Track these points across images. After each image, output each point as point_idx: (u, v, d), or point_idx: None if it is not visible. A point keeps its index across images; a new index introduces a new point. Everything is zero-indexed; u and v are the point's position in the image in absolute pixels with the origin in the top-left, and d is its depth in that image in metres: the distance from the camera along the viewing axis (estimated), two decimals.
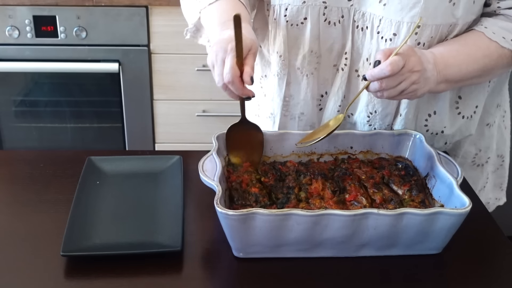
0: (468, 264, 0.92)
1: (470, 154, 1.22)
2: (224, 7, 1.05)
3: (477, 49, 1.03)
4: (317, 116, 1.18)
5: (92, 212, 0.98)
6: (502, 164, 1.28)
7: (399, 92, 0.96)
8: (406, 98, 1.00)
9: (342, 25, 1.06)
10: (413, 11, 0.99)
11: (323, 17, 1.06)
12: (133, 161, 1.12)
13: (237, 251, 0.90)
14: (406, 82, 0.95)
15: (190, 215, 0.99)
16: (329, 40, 1.08)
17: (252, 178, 0.98)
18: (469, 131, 1.17)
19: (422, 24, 1.00)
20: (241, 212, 0.82)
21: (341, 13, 1.05)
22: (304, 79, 1.13)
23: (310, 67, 1.11)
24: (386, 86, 0.95)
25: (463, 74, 1.03)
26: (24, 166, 1.13)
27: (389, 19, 1.02)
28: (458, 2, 0.99)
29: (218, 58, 0.94)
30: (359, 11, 1.04)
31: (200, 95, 2.20)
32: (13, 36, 2.05)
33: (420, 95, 0.99)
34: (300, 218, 0.83)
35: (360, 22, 1.05)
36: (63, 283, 0.85)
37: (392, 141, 1.08)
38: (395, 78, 0.94)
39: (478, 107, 1.16)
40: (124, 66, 2.12)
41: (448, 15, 1.01)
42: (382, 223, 0.85)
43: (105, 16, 2.04)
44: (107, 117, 2.30)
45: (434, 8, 0.99)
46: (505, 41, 1.03)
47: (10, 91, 2.25)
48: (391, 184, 1.00)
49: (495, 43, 1.02)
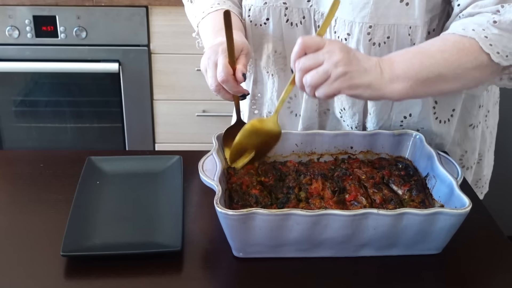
0: (468, 264, 0.92)
1: (455, 155, 1.21)
2: (218, 18, 1.07)
3: (430, 46, 0.96)
4: (288, 117, 1.19)
5: (92, 212, 0.98)
6: (479, 162, 1.27)
7: (323, 74, 0.87)
8: (339, 88, 0.89)
9: (304, 25, 1.08)
10: (363, 12, 1.00)
11: (285, 17, 1.07)
12: (133, 161, 1.12)
13: (237, 251, 0.90)
14: (328, 62, 0.86)
15: (190, 215, 0.99)
16: (292, 40, 1.06)
17: (253, 180, 0.98)
18: (449, 134, 1.17)
19: (374, 24, 1.00)
20: (241, 212, 0.83)
21: (302, 14, 1.07)
22: (270, 78, 1.16)
23: (276, 68, 1.14)
24: (304, 65, 0.87)
25: (417, 70, 0.92)
26: (24, 166, 1.13)
27: (343, 19, 1.03)
28: (412, 2, 0.98)
29: (210, 61, 0.96)
30: (318, 12, 1.06)
31: (200, 95, 2.20)
32: (13, 36, 2.05)
33: (360, 85, 0.89)
34: (300, 218, 0.83)
35: (320, 22, 1.06)
36: (63, 283, 0.85)
37: (392, 141, 1.08)
38: (314, 56, 0.87)
39: (455, 110, 1.14)
40: (124, 66, 2.12)
41: (402, 15, 0.99)
42: (382, 223, 0.85)
43: (105, 16, 2.04)
44: (107, 117, 2.30)
45: (384, 8, 0.99)
46: (465, 31, 0.93)
47: (10, 91, 2.25)
48: (391, 184, 1.00)
49: (452, 36, 0.94)
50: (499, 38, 0.92)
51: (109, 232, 0.94)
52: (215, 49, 0.96)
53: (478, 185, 1.31)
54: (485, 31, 0.92)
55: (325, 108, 1.17)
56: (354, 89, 0.89)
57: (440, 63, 0.92)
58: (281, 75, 1.15)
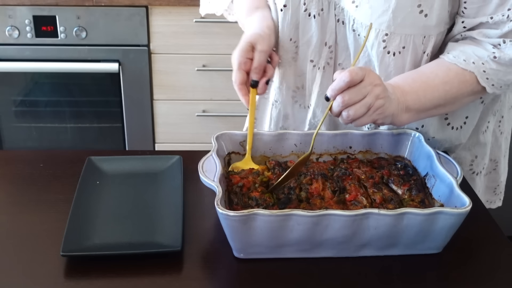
0: (468, 264, 0.92)
1: (466, 160, 1.21)
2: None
3: (434, 77, 1.00)
4: (292, 107, 1.19)
5: (92, 212, 0.98)
6: (495, 168, 1.26)
7: (366, 107, 0.91)
8: (375, 119, 0.95)
9: (321, 17, 1.07)
10: (381, 18, 0.99)
11: (304, 6, 1.06)
12: (133, 161, 1.12)
13: (237, 252, 0.90)
14: (370, 95, 0.91)
15: (190, 215, 0.99)
16: (308, 32, 1.08)
17: (257, 180, 0.98)
18: (459, 140, 1.16)
19: (390, 33, 1.00)
20: (242, 213, 0.82)
21: (321, 5, 1.06)
22: (281, 67, 1.15)
23: (287, 56, 1.13)
24: (350, 100, 0.90)
25: (422, 102, 1.00)
26: (24, 166, 1.13)
27: (360, 22, 1.02)
28: (431, 14, 0.98)
29: (233, 61, 1.02)
30: (338, 6, 1.05)
31: (200, 95, 2.20)
32: (13, 36, 2.05)
33: (388, 115, 0.96)
34: (301, 219, 0.83)
35: (341, 16, 1.06)
36: (63, 283, 0.85)
37: (391, 140, 1.08)
38: (358, 90, 0.90)
39: (468, 117, 1.14)
40: (124, 66, 2.12)
41: (419, 26, 1.00)
42: (382, 223, 0.85)
43: (105, 16, 2.04)
44: (107, 117, 2.30)
45: (402, 18, 0.98)
46: (466, 64, 0.99)
47: (10, 91, 2.25)
48: (391, 184, 1.00)
49: (454, 66, 1.00)
50: (496, 72, 1.00)
51: (109, 232, 0.93)
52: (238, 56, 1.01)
53: (496, 191, 1.30)
54: (484, 65, 0.99)
55: None
56: (384, 119, 0.97)
57: (442, 96, 1.01)
58: (292, 64, 1.13)
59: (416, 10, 0.98)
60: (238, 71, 1.01)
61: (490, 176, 1.27)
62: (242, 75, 1.01)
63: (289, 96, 1.18)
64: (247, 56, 1.01)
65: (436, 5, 0.98)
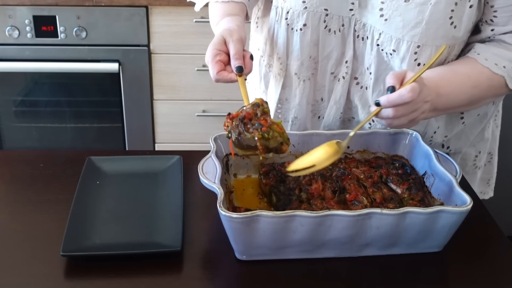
0: (468, 263, 0.92)
1: (471, 156, 1.22)
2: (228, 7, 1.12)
3: (467, 80, 1.02)
4: (310, 121, 1.19)
5: (92, 212, 0.98)
6: (490, 160, 1.28)
7: (409, 121, 0.94)
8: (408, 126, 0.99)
9: (342, 33, 1.07)
10: (414, 31, 0.99)
11: (324, 24, 1.06)
12: (133, 161, 1.12)
13: (240, 254, 0.90)
14: (418, 111, 0.94)
15: (190, 215, 0.99)
16: (328, 47, 1.08)
17: (258, 111, 0.94)
18: (465, 133, 1.18)
19: (422, 44, 1.00)
20: (245, 215, 0.82)
21: (342, 21, 1.05)
22: (301, 84, 1.14)
23: (307, 73, 1.12)
24: (401, 114, 0.92)
25: (451, 104, 1.02)
26: (24, 166, 1.13)
27: (389, 35, 1.02)
28: (459, 25, 0.99)
29: (208, 58, 0.99)
30: (360, 21, 1.05)
31: (200, 95, 2.20)
32: (13, 36, 2.05)
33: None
34: (304, 220, 0.83)
35: (361, 32, 1.05)
36: (63, 283, 0.85)
37: (388, 140, 1.08)
38: (411, 106, 0.92)
39: (480, 115, 1.16)
40: (124, 66, 2.12)
41: (449, 37, 1.00)
42: (385, 223, 0.85)
43: (105, 16, 2.04)
44: (107, 117, 2.30)
45: (435, 30, 0.99)
46: (497, 68, 1.01)
47: (10, 91, 2.25)
48: (390, 183, 1.00)
49: (487, 70, 1.01)
50: None
51: (109, 232, 0.93)
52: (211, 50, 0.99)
53: (490, 183, 1.31)
54: None
55: (349, 116, 1.17)
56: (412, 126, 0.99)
57: (468, 98, 1.03)
58: (312, 80, 1.13)
59: (448, 22, 0.98)
60: (213, 62, 0.98)
61: (486, 168, 1.28)
62: (219, 65, 0.98)
63: (308, 110, 1.17)
64: (219, 48, 0.99)
65: (465, 17, 0.99)
